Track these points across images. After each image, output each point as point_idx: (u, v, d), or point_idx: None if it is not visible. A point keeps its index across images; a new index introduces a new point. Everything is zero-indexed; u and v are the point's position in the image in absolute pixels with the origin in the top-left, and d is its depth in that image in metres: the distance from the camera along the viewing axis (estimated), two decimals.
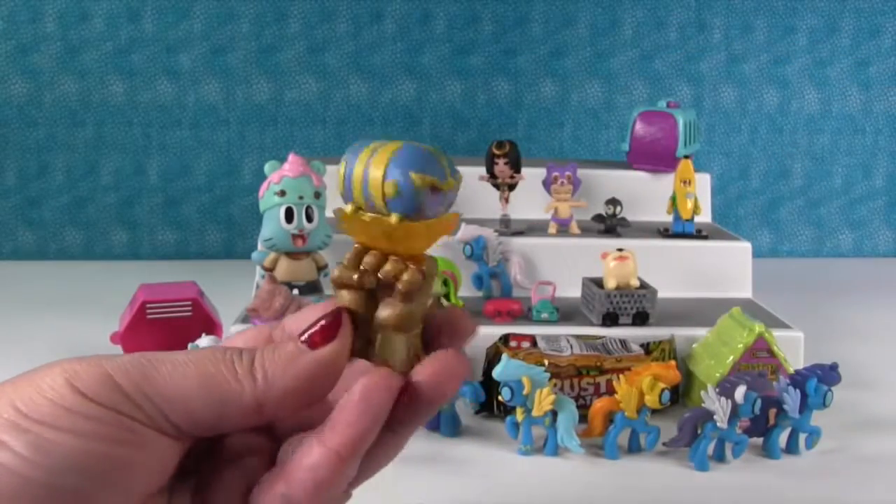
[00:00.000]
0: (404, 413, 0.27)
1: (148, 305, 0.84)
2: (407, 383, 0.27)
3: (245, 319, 0.85)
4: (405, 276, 0.27)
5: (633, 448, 0.74)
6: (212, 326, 0.85)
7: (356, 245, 0.27)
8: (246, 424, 0.25)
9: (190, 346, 0.75)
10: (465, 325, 0.28)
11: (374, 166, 0.25)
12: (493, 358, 0.81)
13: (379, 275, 0.27)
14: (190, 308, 0.85)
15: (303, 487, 0.25)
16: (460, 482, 0.69)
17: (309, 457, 0.25)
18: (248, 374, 0.24)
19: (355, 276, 0.27)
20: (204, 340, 0.76)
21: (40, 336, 1.01)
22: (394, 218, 0.26)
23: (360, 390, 0.25)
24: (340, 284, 0.27)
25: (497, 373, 0.72)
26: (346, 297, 0.27)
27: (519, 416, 0.72)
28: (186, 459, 0.27)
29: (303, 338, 0.25)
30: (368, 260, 0.27)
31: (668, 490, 0.68)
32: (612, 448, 0.73)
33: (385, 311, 0.27)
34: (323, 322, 0.25)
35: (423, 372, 0.27)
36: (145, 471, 0.24)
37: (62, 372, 0.24)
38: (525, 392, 0.71)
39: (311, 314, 0.27)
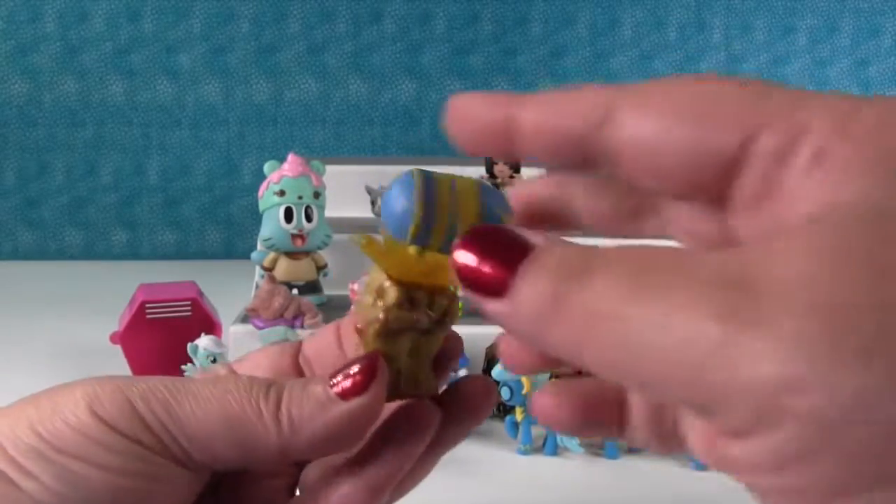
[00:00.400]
0: (440, 442, 0.27)
1: (147, 305, 0.84)
2: (446, 409, 0.26)
3: (245, 319, 0.85)
4: (453, 309, 0.26)
5: (633, 448, 0.74)
6: (211, 326, 0.85)
7: (387, 282, 0.25)
8: (268, 466, 0.25)
9: (189, 345, 0.75)
10: (458, 345, 0.28)
11: (463, 199, 0.25)
12: (492, 357, 0.81)
13: (431, 312, 0.25)
14: (189, 308, 0.85)
15: None
16: (460, 482, 0.69)
17: (340, 489, 0.24)
18: (274, 418, 0.23)
19: (416, 317, 0.25)
20: (203, 340, 0.76)
21: (40, 336, 1.01)
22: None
23: (403, 429, 0.25)
24: (396, 330, 0.25)
25: (496, 372, 0.72)
26: (391, 342, 0.25)
27: (518, 415, 0.72)
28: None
29: (333, 384, 0.24)
30: (419, 298, 0.25)
31: (668, 490, 0.68)
32: (612, 448, 0.73)
33: (430, 343, 0.26)
34: (357, 373, 0.24)
35: (462, 397, 0.27)
36: (166, 501, 0.24)
37: (84, 396, 0.23)
38: (525, 391, 0.71)
39: (329, 336, 0.27)
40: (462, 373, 0.75)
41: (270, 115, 1.48)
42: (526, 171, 1.06)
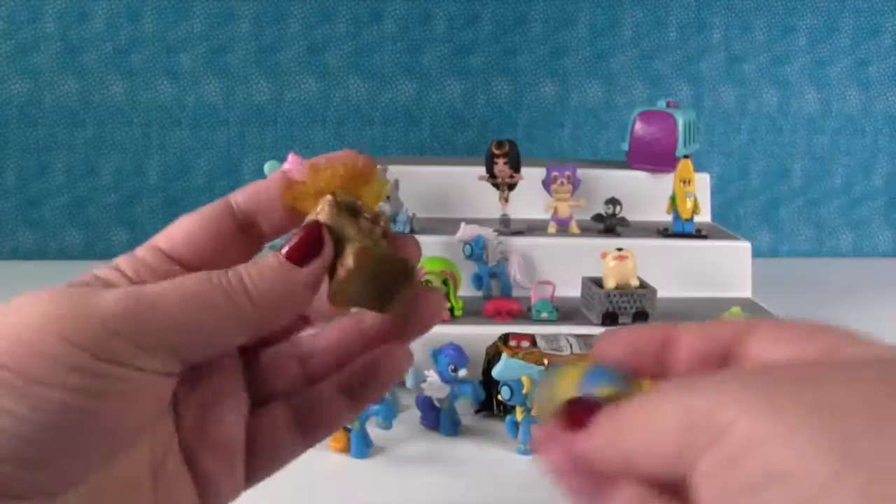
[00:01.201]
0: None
1: None
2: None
3: None
4: (410, 266, 0.29)
5: None
6: None
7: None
8: (239, 340, 0.26)
9: None
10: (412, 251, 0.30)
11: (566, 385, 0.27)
12: (492, 357, 0.81)
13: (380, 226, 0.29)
14: None
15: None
16: (460, 482, 0.69)
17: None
18: (245, 297, 0.25)
19: (364, 215, 0.28)
20: None
21: None
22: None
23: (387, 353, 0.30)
24: (341, 206, 0.28)
25: (497, 372, 0.72)
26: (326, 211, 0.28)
27: (518, 415, 0.72)
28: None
29: (284, 252, 0.26)
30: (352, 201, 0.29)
31: None
32: None
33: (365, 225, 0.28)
34: (305, 237, 0.26)
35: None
36: (140, 415, 0.24)
37: (51, 323, 0.23)
38: (525, 391, 0.71)
39: (263, 185, 0.29)
40: (462, 373, 0.75)
41: (270, 115, 1.48)
42: (526, 171, 1.06)
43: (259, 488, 0.29)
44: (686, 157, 1.10)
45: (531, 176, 1.07)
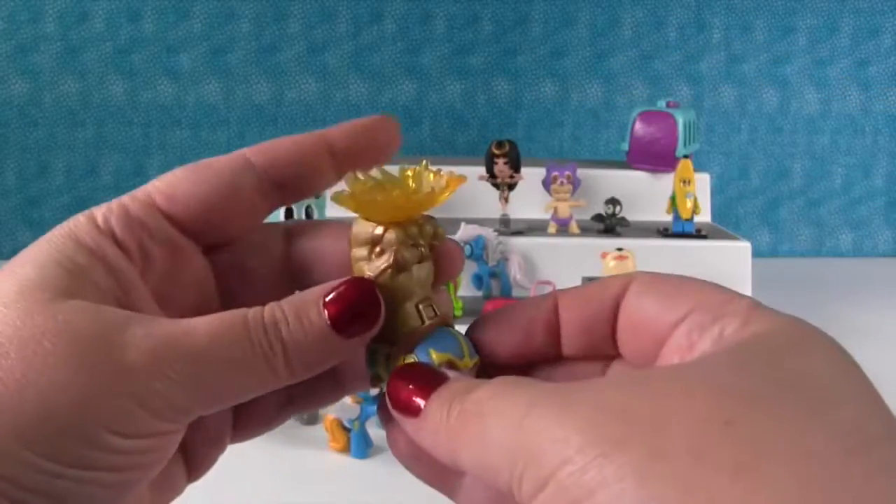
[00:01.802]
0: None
1: None
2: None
3: None
4: (440, 232, 0.28)
5: None
6: None
7: (378, 229, 0.26)
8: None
9: None
10: (455, 253, 0.29)
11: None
12: None
13: (423, 240, 0.27)
14: None
15: None
16: None
17: None
18: (285, 368, 0.23)
19: (421, 249, 0.26)
20: None
21: None
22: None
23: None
24: (402, 268, 0.25)
25: None
26: (404, 282, 0.25)
27: None
28: None
29: (330, 317, 0.23)
30: (412, 232, 0.26)
31: None
32: None
33: (424, 271, 0.26)
34: (358, 306, 0.23)
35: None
36: (159, 464, 0.23)
37: (67, 394, 0.20)
38: None
39: (297, 145, 0.27)
40: None
41: (270, 115, 1.48)
42: (526, 171, 1.06)
43: (259, 487, 0.29)
44: (686, 157, 1.11)
45: (531, 176, 1.07)
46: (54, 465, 0.20)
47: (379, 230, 0.25)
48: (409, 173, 0.27)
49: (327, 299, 0.23)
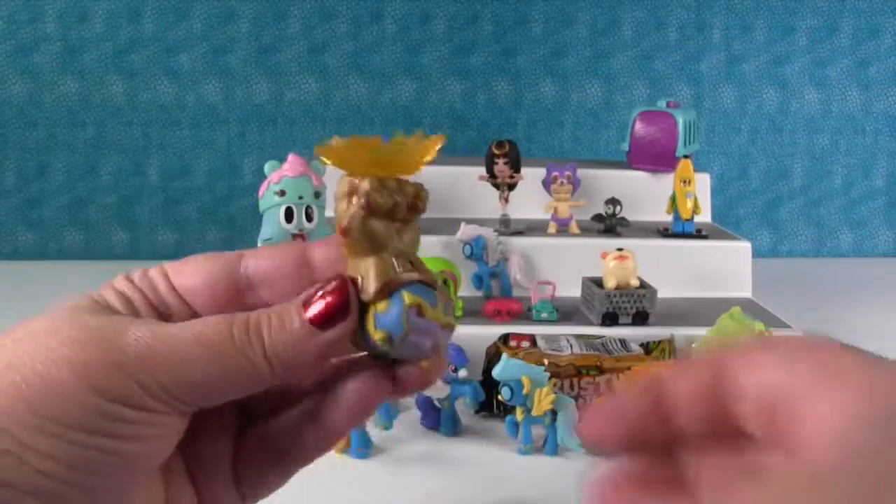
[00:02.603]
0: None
1: None
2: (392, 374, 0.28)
3: None
4: (422, 194, 0.27)
5: None
6: None
7: (356, 179, 0.26)
8: (247, 395, 0.26)
9: None
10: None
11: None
12: (492, 357, 0.81)
13: (409, 192, 0.27)
14: None
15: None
16: (460, 482, 0.69)
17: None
18: (263, 360, 0.25)
19: (394, 198, 0.26)
20: None
21: None
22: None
23: (349, 399, 0.26)
24: (375, 211, 0.26)
25: (497, 372, 0.72)
26: (376, 229, 0.26)
27: (519, 415, 0.72)
28: None
29: (308, 315, 0.25)
30: (390, 184, 0.26)
31: None
32: None
33: (408, 236, 0.27)
34: (329, 300, 0.25)
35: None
36: (161, 447, 0.25)
37: (71, 367, 0.23)
38: (525, 391, 0.71)
39: (282, 258, 0.27)
40: (462, 373, 0.75)
41: (270, 115, 1.48)
42: (526, 171, 1.06)
43: None
44: (686, 157, 1.10)
45: (531, 176, 1.07)
46: (59, 427, 0.23)
47: (357, 181, 0.26)
48: (396, 139, 0.27)
49: (305, 299, 0.25)
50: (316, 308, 0.25)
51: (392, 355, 0.26)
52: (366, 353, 0.27)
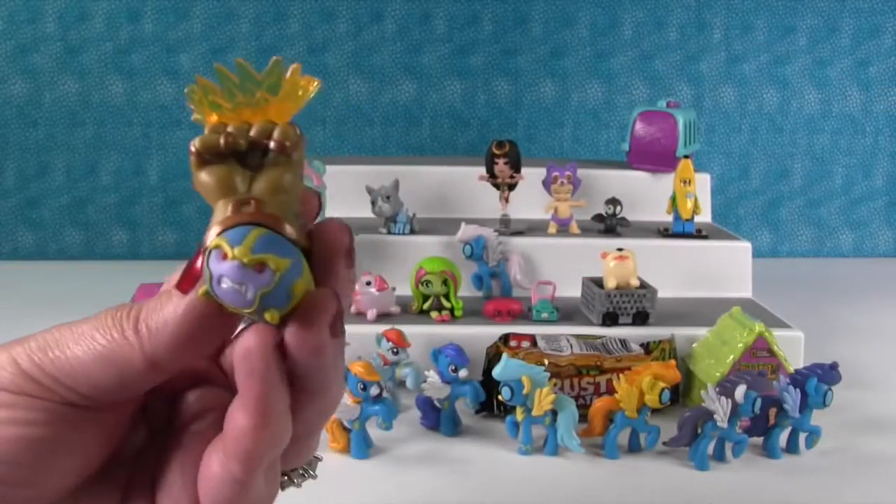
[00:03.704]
0: (296, 368, 0.25)
1: None
2: (282, 338, 0.24)
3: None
4: (277, 132, 0.24)
5: (633, 447, 0.74)
6: None
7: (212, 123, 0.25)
8: (147, 383, 0.25)
9: None
10: (339, 235, 0.26)
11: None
12: (493, 357, 0.81)
13: (251, 134, 0.24)
14: None
15: (236, 459, 0.23)
16: (460, 482, 0.69)
17: (234, 426, 0.24)
18: (134, 332, 0.24)
19: (222, 139, 0.24)
20: None
21: None
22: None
23: (237, 354, 0.24)
24: (206, 151, 0.24)
25: (497, 372, 0.72)
26: (210, 176, 0.24)
27: (519, 415, 0.72)
28: (146, 431, 0.27)
29: (175, 284, 0.24)
30: (234, 126, 0.24)
31: (668, 490, 0.68)
32: (612, 448, 0.73)
33: (262, 181, 0.24)
34: (189, 263, 0.25)
35: (291, 327, 0.24)
36: (73, 447, 0.25)
37: None
38: (525, 392, 0.71)
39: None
40: (462, 374, 0.75)
41: None
42: (526, 171, 1.06)
43: None
44: (686, 157, 1.10)
45: (531, 176, 1.07)
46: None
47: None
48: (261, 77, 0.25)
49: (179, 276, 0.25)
50: (179, 276, 0.25)
51: (230, 311, 0.23)
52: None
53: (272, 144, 0.24)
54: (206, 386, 0.27)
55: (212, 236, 0.23)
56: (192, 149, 0.24)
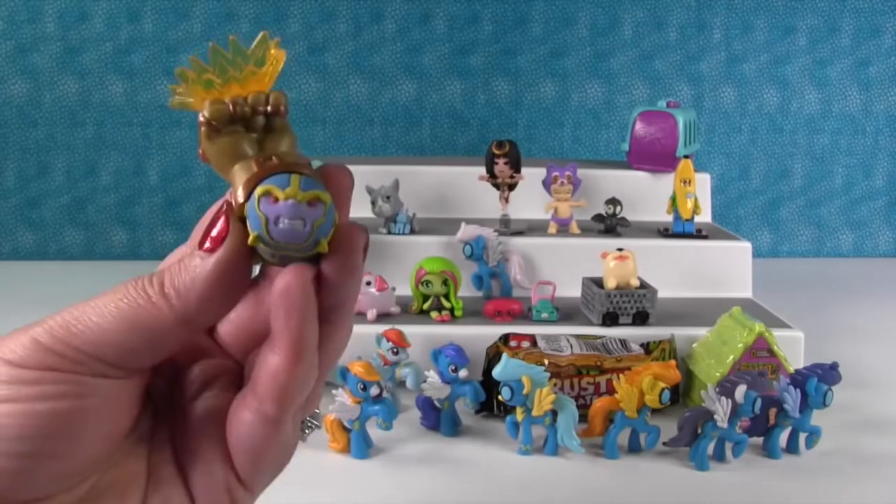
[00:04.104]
0: (327, 298, 0.26)
1: None
2: (319, 269, 0.26)
3: None
4: (272, 98, 0.27)
5: (633, 448, 0.74)
6: None
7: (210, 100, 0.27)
8: (179, 342, 0.26)
9: None
10: (343, 177, 0.27)
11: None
12: (493, 357, 0.81)
13: (250, 102, 0.26)
14: None
15: (272, 397, 0.25)
16: (460, 482, 0.69)
17: (268, 367, 0.25)
18: (161, 296, 0.25)
19: (230, 108, 0.26)
20: None
21: None
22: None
23: (278, 293, 0.25)
24: (217, 119, 0.26)
25: (497, 372, 0.72)
26: (222, 143, 0.26)
27: (519, 415, 0.72)
28: (152, 409, 0.28)
29: (203, 246, 0.25)
30: (239, 99, 0.26)
31: (668, 490, 0.68)
32: (612, 448, 0.73)
33: (273, 141, 0.26)
34: (210, 225, 0.26)
35: (332, 254, 0.26)
36: (101, 416, 0.25)
37: None
38: (525, 392, 0.71)
39: (206, 221, 0.28)
40: (462, 374, 0.75)
41: None
42: (526, 171, 1.06)
43: None
44: (686, 157, 1.10)
45: (531, 176, 1.07)
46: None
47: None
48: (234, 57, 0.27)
49: (200, 238, 0.26)
50: (203, 238, 0.26)
51: (277, 254, 0.25)
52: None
53: (270, 109, 0.27)
54: (205, 359, 0.29)
55: (245, 191, 0.25)
56: (202, 119, 0.26)
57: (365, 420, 0.72)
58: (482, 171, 1.06)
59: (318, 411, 0.33)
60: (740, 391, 0.69)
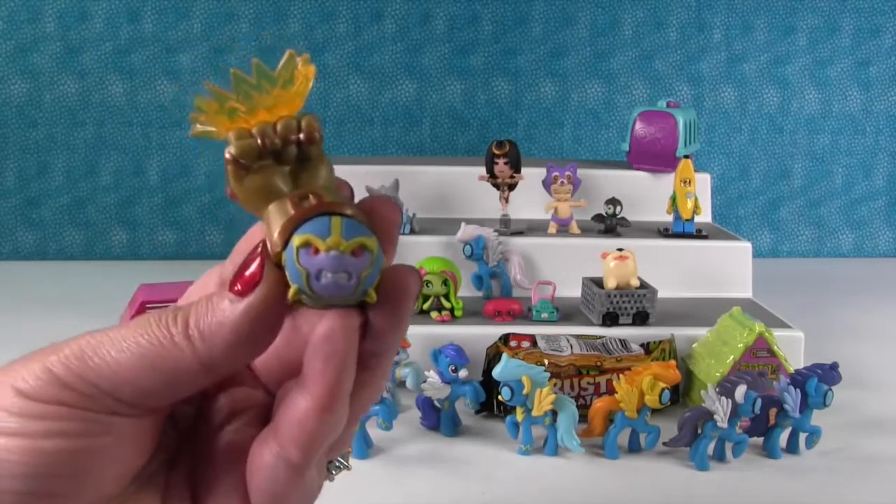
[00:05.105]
0: (371, 345, 0.25)
1: (147, 305, 0.84)
2: (365, 317, 0.24)
3: None
4: (304, 124, 0.24)
5: (633, 448, 0.74)
6: None
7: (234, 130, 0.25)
8: (199, 386, 0.24)
9: None
10: (390, 212, 0.25)
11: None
12: (493, 358, 0.81)
13: (279, 131, 0.24)
14: None
15: (296, 443, 0.23)
16: (460, 482, 0.69)
17: (295, 411, 0.23)
18: (185, 336, 0.23)
19: (259, 142, 0.24)
20: None
21: (40, 336, 1.00)
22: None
23: (319, 338, 0.23)
24: (245, 158, 0.23)
25: (497, 372, 0.72)
26: (253, 182, 0.24)
27: (519, 415, 0.72)
28: (175, 435, 0.27)
29: (232, 288, 0.24)
30: (266, 129, 0.24)
31: (668, 490, 0.68)
32: (612, 448, 0.73)
33: (309, 175, 0.24)
34: (248, 269, 0.24)
35: (381, 304, 0.24)
36: (112, 455, 0.24)
37: (6, 378, 0.23)
38: (525, 392, 0.71)
39: (243, 249, 0.26)
40: (462, 374, 0.75)
41: None
42: (526, 171, 1.06)
43: None
44: (686, 157, 1.10)
45: (531, 176, 1.07)
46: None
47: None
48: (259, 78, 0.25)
49: (231, 279, 0.24)
50: (235, 279, 0.24)
51: (319, 305, 0.23)
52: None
53: (303, 137, 0.24)
54: (234, 387, 0.27)
55: (281, 238, 0.23)
56: (229, 157, 0.24)
57: (365, 420, 0.72)
58: (482, 171, 1.06)
59: (349, 450, 0.30)
60: (740, 391, 0.69)
